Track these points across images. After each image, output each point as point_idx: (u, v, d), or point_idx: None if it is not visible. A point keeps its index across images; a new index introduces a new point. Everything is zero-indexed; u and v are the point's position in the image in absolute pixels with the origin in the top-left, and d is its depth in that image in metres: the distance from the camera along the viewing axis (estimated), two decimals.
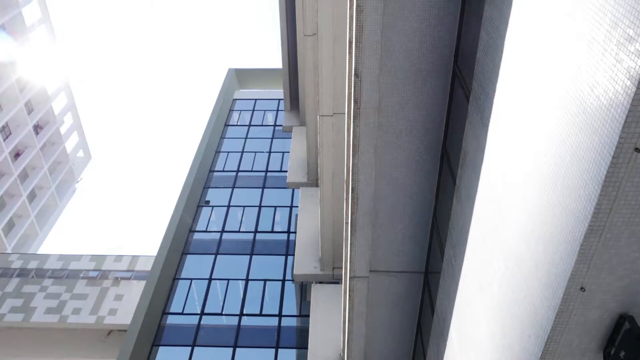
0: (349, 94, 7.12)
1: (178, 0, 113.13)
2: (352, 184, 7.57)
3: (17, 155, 44.08)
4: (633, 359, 3.34)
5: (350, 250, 8.45)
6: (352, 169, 7.43)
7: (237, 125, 31.10)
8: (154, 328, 19.19)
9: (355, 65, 6.49)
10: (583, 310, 3.49)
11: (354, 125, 6.98)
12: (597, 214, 2.97)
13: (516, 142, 4.21)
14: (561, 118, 3.34)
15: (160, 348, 18.74)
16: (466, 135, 5.95)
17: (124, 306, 25.98)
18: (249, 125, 30.86)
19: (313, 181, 19.96)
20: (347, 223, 8.42)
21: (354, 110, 6.85)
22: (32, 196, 46.82)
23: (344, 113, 10.87)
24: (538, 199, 3.74)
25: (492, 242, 4.91)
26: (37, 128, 46.50)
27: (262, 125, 30.91)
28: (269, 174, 26.67)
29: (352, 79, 6.68)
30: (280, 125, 29.68)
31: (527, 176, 3.94)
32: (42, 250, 48.12)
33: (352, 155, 7.26)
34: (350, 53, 6.81)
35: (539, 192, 3.72)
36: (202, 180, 26.06)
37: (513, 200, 4.28)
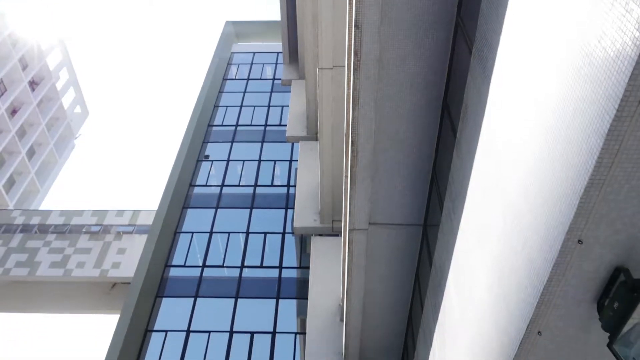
0: (349, 46, 7.00)
1: None
2: (351, 137, 7.54)
3: (13, 112, 43.74)
4: (626, 310, 3.40)
5: (350, 203, 8.49)
6: (352, 123, 7.38)
7: (235, 79, 30.73)
8: (157, 280, 19.54)
9: (356, 17, 6.35)
10: (580, 262, 3.54)
11: (354, 77, 6.89)
12: (599, 167, 2.97)
13: (518, 95, 4.17)
14: (565, 71, 3.29)
15: (164, 299, 19.13)
16: (468, 88, 5.89)
17: (127, 259, 26.37)
18: (248, 79, 30.50)
19: (312, 135, 19.89)
20: (346, 176, 8.44)
21: (354, 62, 6.75)
22: (31, 153, 46.76)
23: (344, 66, 10.72)
24: (539, 153, 3.73)
25: (491, 196, 4.93)
26: (32, 84, 45.95)
27: (260, 79, 30.55)
28: (268, 128, 26.55)
29: (352, 30, 6.55)
30: (279, 79, 29.32)
31: (529, 130, 3.92)
32: (44, 206, 48.44)
33: (352, 109, 7.20)
34: (350, 4, 6.65)
35: (540, 145, 3.70)
36: (201, 134, 25.97)
37: (514, 154, 4.27)
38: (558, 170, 3.42)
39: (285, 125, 25.06)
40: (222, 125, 26.86)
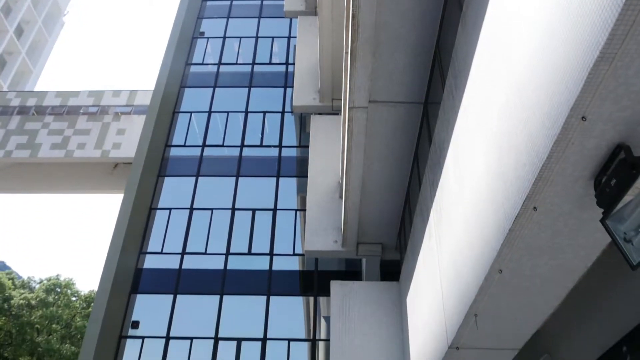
0: None
1: None
2: (352, 11, 7.18)
3: None
4: (623, 187, 3.43)
5: (350, 80, 8.31)
6: None
7: None
8: (158, 160, 19.76)
9: None
10: (581, 139, 3.50)
11: None
12: (611, 40, 2.82)
13: None
14: None
15: (166, 179, 19.50)
16: None
17: (127, 140, 26.48)
18: None
19: (312, 9, 19.01)
20: (346, 52, 8.18)
21: None
22: (19, 31, 45.14)
23: None
24: (548, 28, 3.54)
25: (495, 73, 4.79)
26: None
27: None
28: (265, 2, 25.34)
29: None
30: None
31: (539, 2, 3.69)
32: (39, 87, 47.82)
33: None
34: None
35: (550, 20, 3.51)
36: (195, 10, 24.85)
37: (521, 28, 4.07)
38: (568, 45, 3.27)
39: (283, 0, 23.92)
40: (216, 0, 25.62)
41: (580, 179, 3.84)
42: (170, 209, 18.59)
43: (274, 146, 20.05)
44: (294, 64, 21.12)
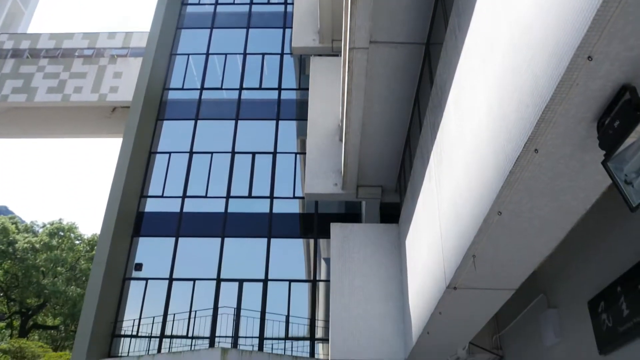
0: None
1: None
2: None
3: None
4: (626, 128, 3.39)
5: (350, 20, 8.10)
6: None
7: None
8: (156, 103, 19.58)
9: None
10: (586, 79, 3.43)
11: None
12: None
13: None
14: None
15: (165, 122, 19.38)
16: None
17: (125, 83, 26.12)
18: None
19: None
20: None
21: None
22: None
23: None
24: None
25: (499, 10, 4.64)
26: None
27: None
28: None
29: None
30: None
31: None
32: (31, 29, 46.73)
33: None
34: None
35: None
36: None
37: None
38: None
39: None
40: None
41: (583, 121, 3.79)
42: (169, 153, 18.58)
43: (274, 89, 19.81)
44: (292, 3, 20.57)
